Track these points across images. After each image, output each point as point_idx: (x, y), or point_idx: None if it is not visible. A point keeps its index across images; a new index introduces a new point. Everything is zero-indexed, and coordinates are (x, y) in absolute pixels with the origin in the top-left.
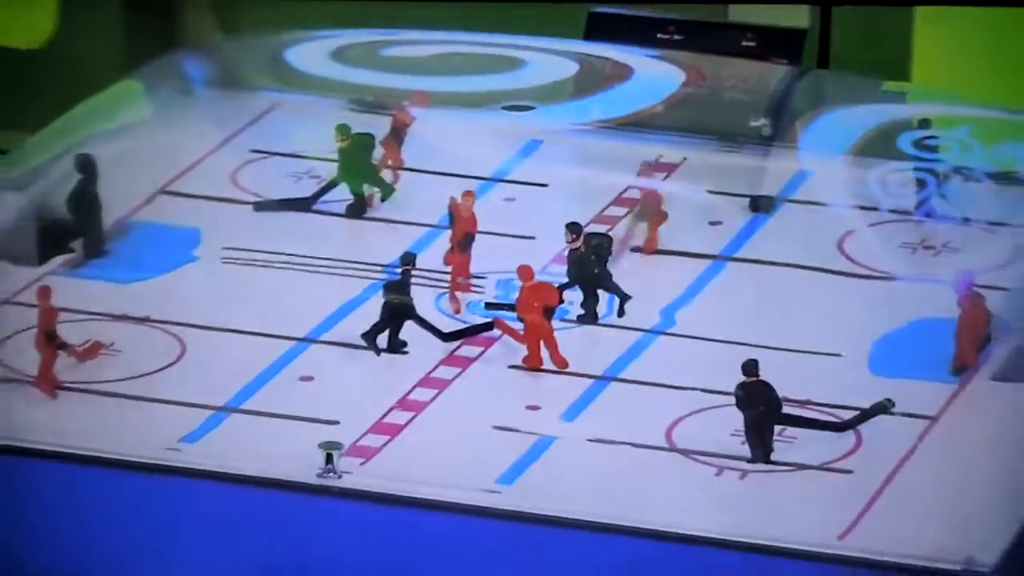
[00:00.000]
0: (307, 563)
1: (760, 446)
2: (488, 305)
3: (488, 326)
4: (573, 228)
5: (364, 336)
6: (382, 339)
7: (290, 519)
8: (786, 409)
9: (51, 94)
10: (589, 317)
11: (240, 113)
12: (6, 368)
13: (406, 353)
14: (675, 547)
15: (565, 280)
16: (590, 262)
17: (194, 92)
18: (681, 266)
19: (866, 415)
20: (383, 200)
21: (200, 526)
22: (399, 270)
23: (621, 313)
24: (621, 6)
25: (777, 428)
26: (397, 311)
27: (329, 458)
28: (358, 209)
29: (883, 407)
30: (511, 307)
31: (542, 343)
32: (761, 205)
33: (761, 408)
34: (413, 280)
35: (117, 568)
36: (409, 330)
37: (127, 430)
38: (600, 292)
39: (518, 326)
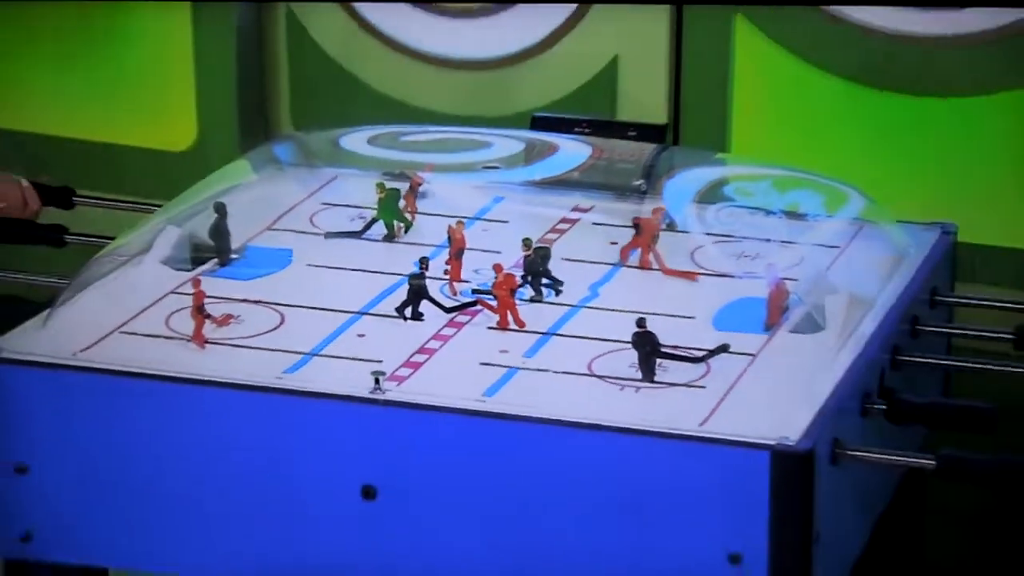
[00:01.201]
0: (363, 451)
1: (647, 373)
2: (474, 291)
3: (474, 303)
4: (526, 242)
5: (396, 309)
6: (408, 312)
7: (350, 422)
8: (663, 349)
9: (190, 172)
10: (537, 297)
11: (313, 180)
12: (172, 331)
13: (423, 320)
14: (592, 433)
15: (522, 274)
16: (536, 263)
17: (283, 167)
18: (594, 268)
19: (712, 353)
20: (405, 232)
21: (292, 426)
22: (418, 268)
23: (557, 294)
24: None
25: (658, 361)
26: (417, 293)
27: (377, 381)
28: (390, 237)
29: (723, 348)
30: (489, 292)
31: (509, 313)
32: None
33: (648, 348)
34: (427, 275)
35: (241, 458)
36: (425, 306)
37: (249, 367)
38: (544, 283)
39: (493, 303)
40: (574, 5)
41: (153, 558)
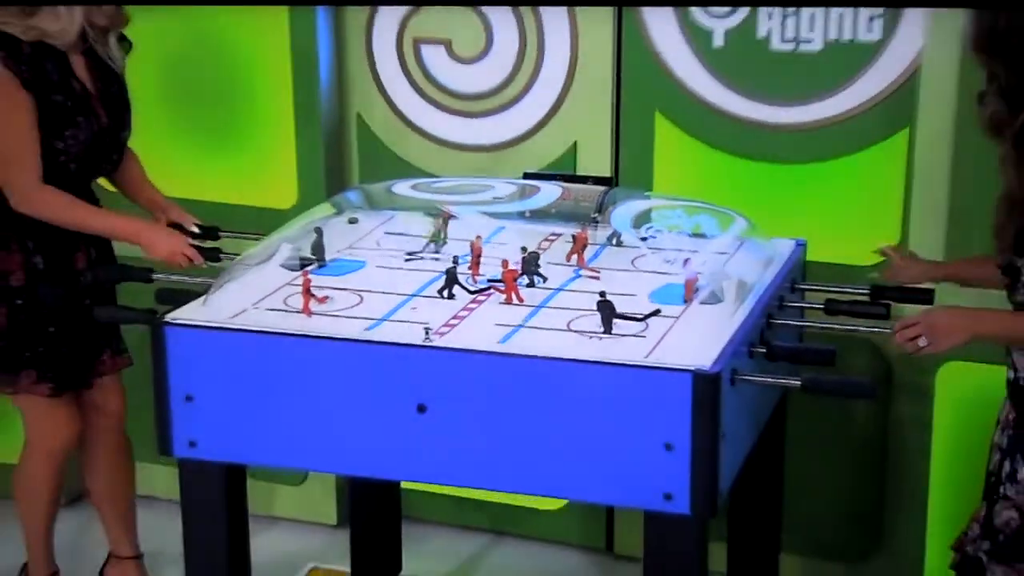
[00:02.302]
0: (418, 380)
1: (608, 328)
2: (489, 280)
3: (488, 288)
4: (523, 249)
5: (438, 291)
6: (445, 293)
7: (409, 360)
8: (618, 312)
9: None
10: (531, 283)
11: (376, 219)
12: (288, 306)
13: (455, 298)
14: (572, 364)
15: (520, 269)
16: (530, 262)
17: (355, 208)
18: (567, 268)
19: (649, 315)
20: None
21: (370, 364)
22: (451, 264)
23: (544, 281)
24: None
25: (614, 320)
26: (452, 280)
27: (427, 333)
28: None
29: (657, 311)
30: (499, 280)
31: (513, 293)
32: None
33: (607, 312)
34: (458, 269)
35: (336, 387)
36: (456, 289)
37: (341, 328)
38: (536, 276)
39: (502, 287)
40: (545, 110)
41: (277, 457)
